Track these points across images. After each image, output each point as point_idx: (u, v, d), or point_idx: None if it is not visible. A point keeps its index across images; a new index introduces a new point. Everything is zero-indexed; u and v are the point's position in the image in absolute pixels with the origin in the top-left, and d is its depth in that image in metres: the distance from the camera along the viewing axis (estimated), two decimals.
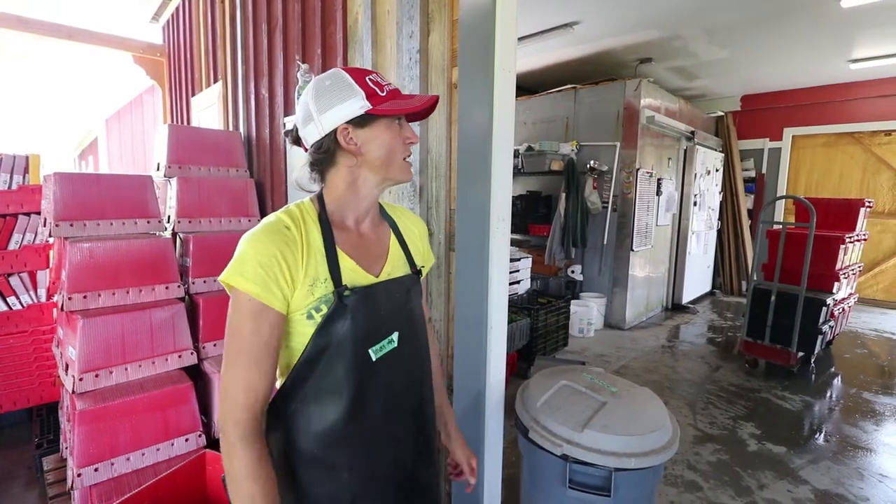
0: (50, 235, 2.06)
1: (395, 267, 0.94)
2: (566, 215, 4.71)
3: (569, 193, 4.71)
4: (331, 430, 0.83)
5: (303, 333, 0.81)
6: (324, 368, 0.82)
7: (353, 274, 0.85)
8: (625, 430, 1.37)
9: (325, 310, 0.80)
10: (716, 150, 6.29)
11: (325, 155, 0.87)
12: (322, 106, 0.83)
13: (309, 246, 0.81)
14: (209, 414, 2.11)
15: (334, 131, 0.84)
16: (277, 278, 0.76)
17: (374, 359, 0.85)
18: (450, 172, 1.64)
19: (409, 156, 0.90)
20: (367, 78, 0.84)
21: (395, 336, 0.89)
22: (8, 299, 2.67)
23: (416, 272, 0.98)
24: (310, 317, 0.80)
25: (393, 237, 0.97)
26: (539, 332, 3.76)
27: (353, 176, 0.87)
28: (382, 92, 0.83)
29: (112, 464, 1.79)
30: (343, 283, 0.82)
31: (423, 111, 0.90)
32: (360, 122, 0.83)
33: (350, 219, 0.90)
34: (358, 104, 0.82)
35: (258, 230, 0.80)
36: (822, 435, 2.87)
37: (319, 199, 0.89)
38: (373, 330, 0.85)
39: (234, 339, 0.77)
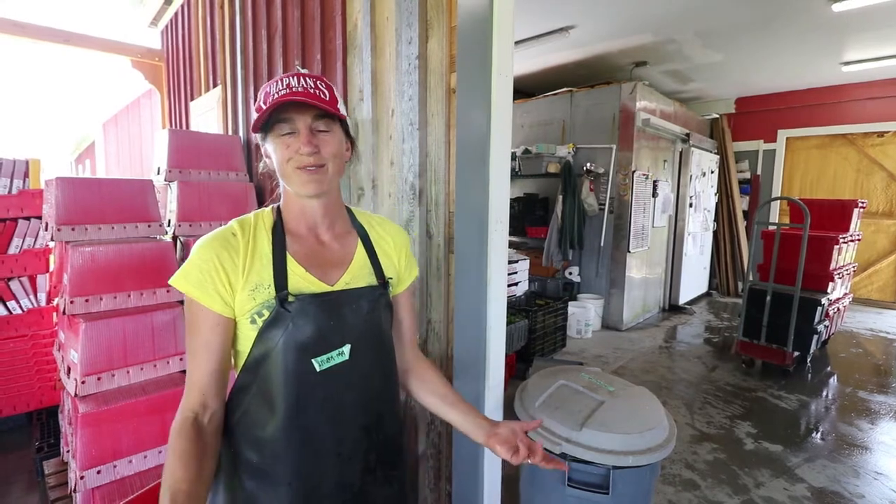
0: (52, 239, 2.07)
1: (356, 277, 0.90)
2: (563, 217, 4.74)
3: (566, 196, 4.74)
4: (269, 439, 0.82)
5: (248, 337, 0.82)
6: (264, 374, 0.82)
7: (302, 281, 0.84)
8: (622, 428, 1.39)
9: (266, 315, 0.81)
10: (711, 151, 6.34)
11: (268, 162, 0.89)
12: None
13: (254, 252, 0.83)
14: None
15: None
16: (214, 281, 0.79)
17: (318, 369, 0.83)
18: (448, 176, 1.66)
19: (302, 166, 0.82)
20: (263, 90, 0.84)
21: (346, 349, 0.85)
22: (8, 303, 2.67)
23: (384, 283, 0.94)
24: (252, 321, 0.81)
25: (360, 247, 0.94)
26: (537, 333, 3.78)
27: (284, 187, 0.89)
28: (265, 104, 0.81)
29: (115, 466, 1.79)
30: (286, 290, 0.81)
31: (313, 112, 0.83)
32: (262, 135, 0.86)
33: (302, 227, 0.89)
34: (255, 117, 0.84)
35: (205, 237, 0.83)
36: (819, 433, 2.90)
37: (278, 208, 0.91)
38: (318, 340, 0.82)
39: (186, 336, 0.83)
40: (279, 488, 0.83)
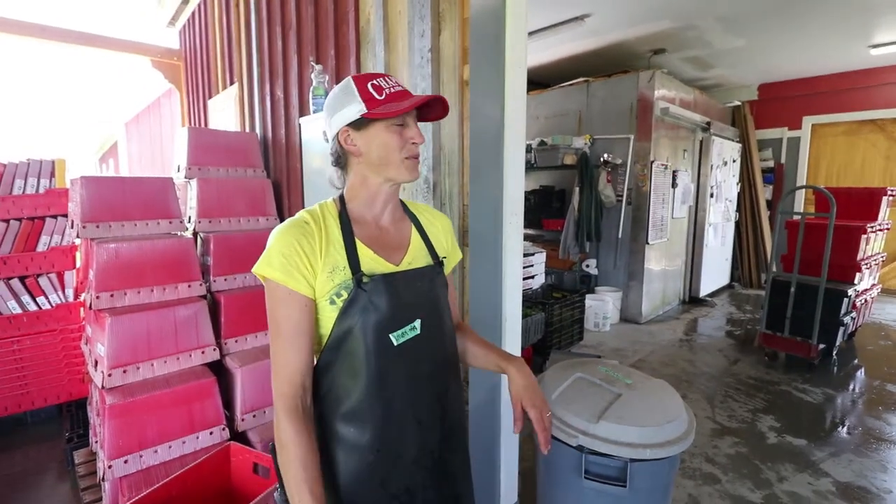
0: (77, 237, 2.13)
1: (415, 258, 0.98)
2: (580, 209, 4.69)
3: (582, 187, 4.69)
4: (355, 411, 0.88)
5: (328, 318, 0.88)
6: (347, 351, 0.88)
7: (373, 263, 0.90)
8: (640, 421, 1.37)
9: (345, 295, 0.86)
10: (733, 140, 6.19)
11: (337, 156, 0.96)
12: (330, 112, 0.93)
13: (328, 238, 0.89)
14: (232, 408, 2.17)
15: (338, 134, 0.92)
16: (298, 265, 0.84)
17: (395, 343, 0.89)
18: (462, 168, 1.66)
19: (412, 155, 0.93)
20: (368, 84, 0.89)
21: (417, 323, 0.92)
22: (37, 299, 2.77)
23: (439, 263, 1.01)
24: (332, 302, 0.86)
25: (414, 231, 1.02)
26: (554, 326, 3.76)
27: (363, 175, 0.94)
28: (381, 96, 0.88)
29: (140, 456, 1.85)
30: (361, 271, 0.87)
31: (432, 111, 0.97)
32: (357, 125, 0.90)
33: (368, 214, 0.96)
34: (355, 109, 0.88)
35: (281, 226, 0.88)
36: (844, 427, 2.83)
37: (341, 198, 0.97)
38: (393, 316, 0.89)
39: (271, 323, 0.86)
40: (367, 455, 0.89)
